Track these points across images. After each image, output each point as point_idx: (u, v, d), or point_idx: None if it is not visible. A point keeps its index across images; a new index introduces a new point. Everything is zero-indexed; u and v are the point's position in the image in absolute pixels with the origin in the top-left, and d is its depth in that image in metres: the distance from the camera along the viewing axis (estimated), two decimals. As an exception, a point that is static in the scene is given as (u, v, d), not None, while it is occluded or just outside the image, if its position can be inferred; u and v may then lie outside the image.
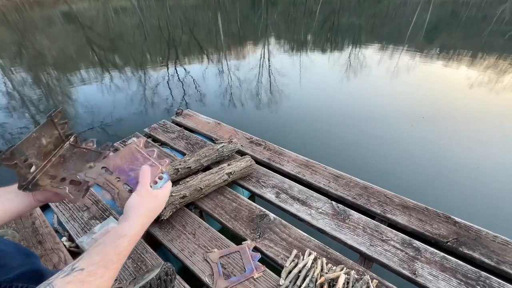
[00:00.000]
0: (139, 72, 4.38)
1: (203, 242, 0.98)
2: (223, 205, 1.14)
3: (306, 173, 1.32)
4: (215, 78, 4.08)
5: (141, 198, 0.52)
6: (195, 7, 13.20)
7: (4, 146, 2.50)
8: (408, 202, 1.15)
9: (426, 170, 2.06)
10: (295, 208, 1.12)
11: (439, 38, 6.41)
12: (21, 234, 1.01)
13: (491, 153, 2.24)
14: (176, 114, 1.87)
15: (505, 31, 6.84)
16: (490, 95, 3.32)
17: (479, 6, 11.30)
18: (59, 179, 0.56)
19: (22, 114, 3.09)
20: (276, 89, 3.60)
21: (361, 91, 3.52)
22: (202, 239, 0.99)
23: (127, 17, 11.25)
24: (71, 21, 10.33)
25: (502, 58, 4.69)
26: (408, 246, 0.96)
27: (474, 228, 1.02)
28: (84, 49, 5.97)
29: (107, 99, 3.40)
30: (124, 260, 0.45)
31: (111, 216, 1.08)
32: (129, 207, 0.51)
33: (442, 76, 3.99)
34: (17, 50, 6.12)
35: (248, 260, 0.90)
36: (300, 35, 7.28)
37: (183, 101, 3.31)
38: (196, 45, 6.29)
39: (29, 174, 0.53)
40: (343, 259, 0.91)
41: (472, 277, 0.86)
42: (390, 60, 4.70)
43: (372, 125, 2.67)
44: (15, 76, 4.31)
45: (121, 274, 0.89)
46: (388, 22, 9.03)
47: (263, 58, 5.08)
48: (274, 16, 10.55)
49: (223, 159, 1.38)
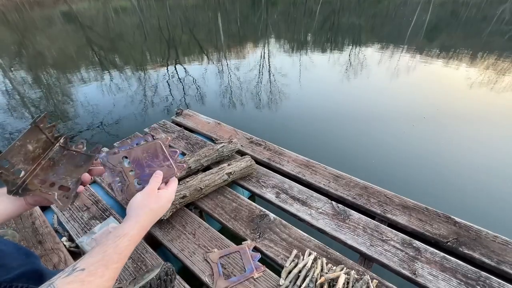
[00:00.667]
0: (139, 72, 4.38)
1: (203, 242, 0.98)
2: (223, 205, 1.14)
3: (306, 173, 1.32)
4: (215, 78, 4.08)
5: (144, 199, 0.52)
6: (195, 7, 13.20)
7: (4, 147, 2.50)
8: (408, 202, 1.15)
9: (426, 170, 2.06)
10: (295, 208, 1.12)
11: (439, 38, 6.41)
12: (21, 234, 1.01)
13: (491, 153, 2.24)
14: (176, 114, 1.87)
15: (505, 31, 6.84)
16: (490, 95, 3.32)
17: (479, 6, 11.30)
18: (48, 184, 0.56)
19: (22, 114, 3.10)
20: (276, 89, 3.60)
21: (361, 91, 3.52)
22: (202, 239, 0.99)
23: (127, 17, 11.25)
24: (71, 21, 10.34)
25: (502, 58, 4.69)
26: (408, 246, 0.96)
27: (474, 228, 1.02)
28: (84, 49, 5.97)
29: (107, 99, 3.40)
30: (125, 260, 0.45)
31: (111, 216, 1.08)
32: (131, 207, 0.51)
33: (442, 76, 3.99)
34: (17, 50, 6.12)
35: (248, 260, 0.90)
36: (300, 35, 7.28)
37: (183, 101, 3.31)
38: (196, 45, 6.29)
39: (18, 179, 0.53)
40: (343, 259, 0.91)
41: (472, 277, 0.86)
42: (390, 60, 4.70)
43: (372, 125, 2.67)
44: (15, 76, 4.31)
45: (121, 274, 0.89)
46: (388, 22, 9.03)
47: (263, 58, 5.08)
48: (274, 16, 10.55)
49: (223, 159, 1.38)
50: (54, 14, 11.76)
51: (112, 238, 0.45)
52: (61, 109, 3.19)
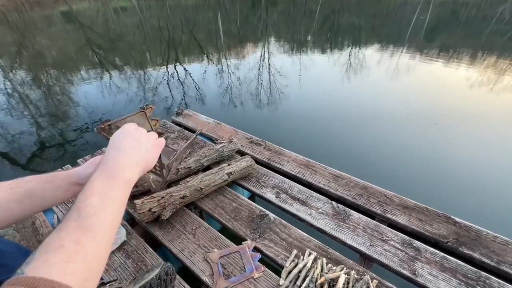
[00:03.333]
0: (139, 72, 4.38)
1: (203, 242, 0.98)
2: (223, 205, 1.14)
3: (306, 173, 1.32)
4: (215, 78, 4.08)
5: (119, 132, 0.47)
6: (195, 6, 13.20)
7: (4, 146, 2.51)
8: (408, 202, 1.15)
9: (426, 170, 2.06)
10: (295, 208, 1.12)
11: (439, 38, 6.41)
12: (22, 234, 1.01)
13: (491, 153, 2.24)
14: (176, 114, 1.87)
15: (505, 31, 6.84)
16: (490, 95, 3.32)
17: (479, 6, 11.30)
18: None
19: (22, 114, 3.10)
20: (276, 89, 3.60)
21: (361, 91, 3.52)
22: (202, 239, 0.99)
23: (127, 17, 11.24)
24: (71, 21, 10.34)
25: (502, 58, 4.69)
26: (408, 246, 0.96)
27: (474, 228, 1.02)
28: (84, 49, 5.97)
29: (107, 99, 3.40)
30: (113, 213, 0.37)
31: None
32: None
33: (442, 76, 3.99)
34: (17, 50, 6.12)
35: (248, 260, 0.90)
36: (300, 35, 7.28)
37: (183, 101, 3.31)
38: (196, 45, 6.29)
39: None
40: (343, 259, 0.91)
41: (472, 277, 0.86)
42: (390, 61, 4.70)
43: (372, 125, 2.67)
44: (14, 76, 4.31)
45: (121, 274, 0.89)
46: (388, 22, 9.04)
47: (263, 58, 5.09)
48: (274, 16, 10.55)
49: (223, 159, 1.38)
50: (54, 14, 11.77)
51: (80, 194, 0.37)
52: (61, 109, 3.19)
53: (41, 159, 2.36)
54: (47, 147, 2.49)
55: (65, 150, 2.45)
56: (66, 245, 0.30)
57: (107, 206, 0.37)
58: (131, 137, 0.47)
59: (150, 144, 0.49)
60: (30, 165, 2.28)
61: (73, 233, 0.32)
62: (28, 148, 2.46)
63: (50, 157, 2.38)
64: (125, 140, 0.46)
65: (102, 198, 0.37)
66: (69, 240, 0.31)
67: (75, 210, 0.34)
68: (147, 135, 0.50)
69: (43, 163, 2.30)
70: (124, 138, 0.46)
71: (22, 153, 2.40)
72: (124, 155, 0.44)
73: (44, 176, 0.53)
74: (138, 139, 0.48)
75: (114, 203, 0.38)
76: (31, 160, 2.34)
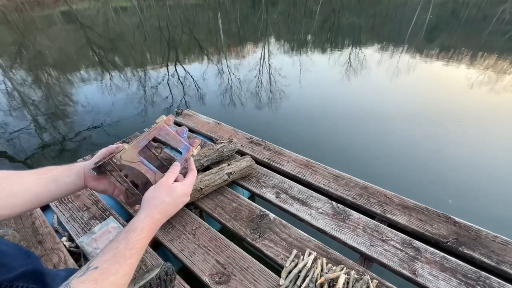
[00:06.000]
0: (139, 72, 4.38)
1: (203, 242, 0.98)
2: (223, 205, 1.14)
3: (306, 173, 1.32)
4: (215, 78, 4.08)
5: (156, 191, 0.52)
6: (195, 6, 13.20)
7: (4, 147, 2.51)
8: (408, 202, 1.15)
9: (426, 170, 2.06)
10: (295, 208, 1.12)
11: (439, 38, 6.41)
12: (21, 234, 1.01)
13: (491, 153, 2.24)
14: (176, 114, 1.87)
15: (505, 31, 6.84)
16: (490, 95, 3.32)
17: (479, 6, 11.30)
18: (123, 173, 0.57)
19: (22, 113, 3.10)
20: (276, 89, 3.60)
21: (361, 91, 3.52)
22: (202, 239, 0.99)
23: (127, 17, 11.24)
24: (71, 21, 10.34)
25: (502, 58, 4.69)
26: (408, 246, 0.96)
27: (474, 228, 1.02)
28: (84, 49, 5.97)
29: (107, 99, 3.40)
30: (139, 255, 0.45)
31: (111, 216, 1.08)
32: (144, 200, 0.51)
33: (441, 75, 3.99)
34: (17, 50, 6.12)
35: (176, 139, 0.64)
36: (300, 35, 7.28)
37: (183, 101, 3.31)
38: (196, 45, 6.29)
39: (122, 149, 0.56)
40: (343, 259, 0.91)
41: (472, 277, 0.86)
42: (389, 61, 4.70)
43: (372, 125, 2.67)
44: (15, 76, 4.31)
45: (121, 274, 0.89)
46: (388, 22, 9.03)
47: (263, 58, 5.08)
48: (274, 16, 10.55)
49: (223, 159, 1.38)
50: (54, 14, 11.76)
51: (123, 234, 0.45)
52: (61, 109, 3.19)
53: (40, 158, 2.36)
54: (46, 146, 2.49)
55: (65, 149, 2.46)
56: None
57: (139, 255, 0.46)
58: (176, 206, 0.55)
59: (186, 200, 0.57)
60: (30, 165, 2.29)
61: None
62: (27, 147, 2.46)
63: (50, 156, 2.38)
64: (159, 210, 0.51)
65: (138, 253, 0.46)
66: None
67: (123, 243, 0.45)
68: (183, 192, 0.56)
69: (43, 163, 2.30)
70: (158, 209, 0.51)
71: (22, 152, 2.41)
72: (165, 218, 0.53)
73: (63, 166, 0.59)
74: (172, 207, 0.54)
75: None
76: (30, 159, 2.34)
